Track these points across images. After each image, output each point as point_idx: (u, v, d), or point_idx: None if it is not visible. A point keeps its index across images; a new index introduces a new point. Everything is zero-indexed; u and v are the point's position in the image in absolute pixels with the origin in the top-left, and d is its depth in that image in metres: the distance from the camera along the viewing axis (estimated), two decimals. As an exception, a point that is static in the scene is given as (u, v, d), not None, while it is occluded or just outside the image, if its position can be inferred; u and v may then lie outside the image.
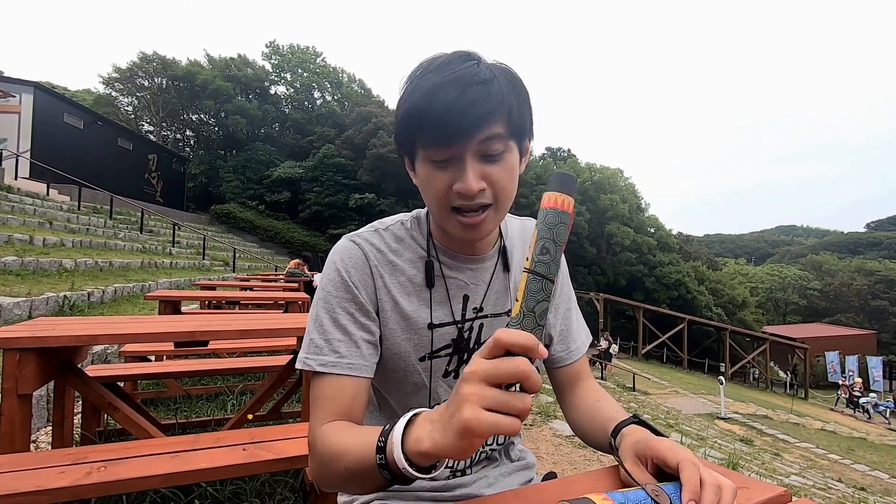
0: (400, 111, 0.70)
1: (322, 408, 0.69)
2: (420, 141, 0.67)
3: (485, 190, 0.67)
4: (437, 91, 0.64)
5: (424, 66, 0.70)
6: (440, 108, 0.63)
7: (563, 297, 0.91)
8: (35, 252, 6.79)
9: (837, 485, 6.57)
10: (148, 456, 1.41)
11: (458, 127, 0.63)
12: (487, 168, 0.67)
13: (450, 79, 0.64)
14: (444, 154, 0.66)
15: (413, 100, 0.67)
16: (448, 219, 0.70)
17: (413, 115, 0.66)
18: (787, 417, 14.20)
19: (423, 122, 0.65)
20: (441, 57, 0.69)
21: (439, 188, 0.68)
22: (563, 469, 2.97)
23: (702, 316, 30.46)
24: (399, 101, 0.71)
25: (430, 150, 0.66)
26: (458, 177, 0.66)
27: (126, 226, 13.48)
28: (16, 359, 1.49)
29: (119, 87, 31.35)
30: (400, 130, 0.71)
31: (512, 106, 0.66)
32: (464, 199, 0.67)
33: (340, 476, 0.61)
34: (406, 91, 0.69)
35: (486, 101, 0.63)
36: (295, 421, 2.77)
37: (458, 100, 0.63)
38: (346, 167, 28.97)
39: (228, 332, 1.94)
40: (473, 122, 0.63)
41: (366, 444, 0.56)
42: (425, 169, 0.69)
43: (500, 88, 0.65)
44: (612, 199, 33.60)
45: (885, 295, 50.52)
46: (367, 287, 0.75)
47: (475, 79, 0.64)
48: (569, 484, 0.62)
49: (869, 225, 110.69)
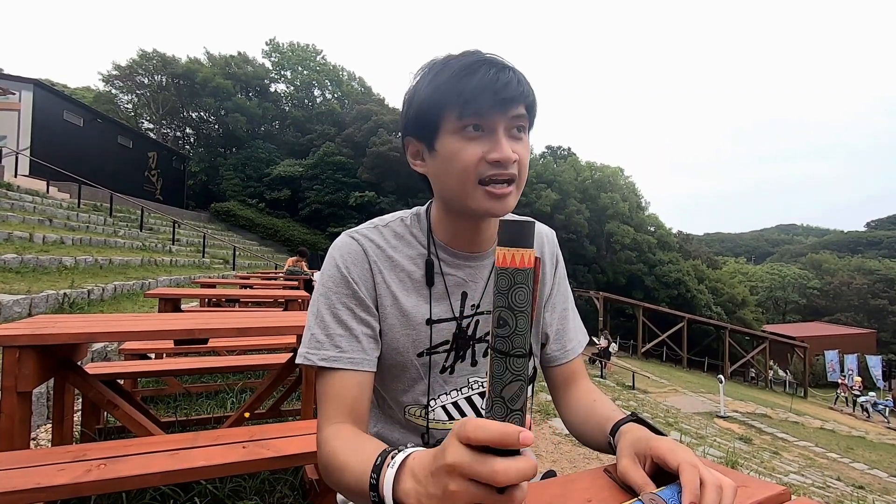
0: (425, 91, 0.71)
1: (328, 405, 0.70)
2: (455, 110, 0.68)
3: (515, 162, 0.69)
4: (474, 68, 0.68)
5: (442, 59, 0.73)
6: (482, 80, 0.67)
7: (560, 297, 0.91)
8: (35, 250, 6.78)
9: (836, 483, 6.58)
10: (147, 453, 1.41)
11: (496, 99, 0.67)
12: (515, 144, 0.70)
13: (484, 60, 0.69)
14: (483, 122, 0.68)
15: (445, 76, 0.69)
16: (474, 192, 0.70)
17: (448, 87, 0.68)
18: (787, 416, 14.21)
19: (464, 93, 0.67)
20: (454, 54, 0.73)
21: (470, 159, 0.69)
22: (562, 467, 2.97)
23: (701, 315, 30.45)
24: (416, 90, 0.73)
25: (468, 118, 0.68)
26: (492, 147, 0.68)
27: (126, 223, 13.47)
28: (15, 356, 1.49)
29: (119, 84, 31.31)
30: (426, 107, 0.71)
31: (532, 96, 0.71)
32: (498, 167, 0.69)
33: (339, 487, 0.62)
34: (426, 77, 0.72)
35: (518, 83, 0.69)
36: (294, 419, 2.78)
37: (497, 76, 0.67)
38: (346, 165, 28.94)
39: (228, 329, 1.94)
40: (511, 98, 0.68)
41: (362, 469, 0.55)
42: (455, 142, 0.70)
43: (524, 78, 0.71)
44: (612, 198, 33.56)
45: (885, 294, 50.52)
46: (366, 282, 0.76)
47: (504, 64, 0.70)
48: (568, 482, 0.62)
49: (869, 224, 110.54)
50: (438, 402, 0.80)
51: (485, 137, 0.68)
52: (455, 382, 0.81)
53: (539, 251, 0.90)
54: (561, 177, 32.61)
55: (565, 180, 32.37)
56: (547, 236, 0.92)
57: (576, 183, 33.33)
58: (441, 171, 0.72)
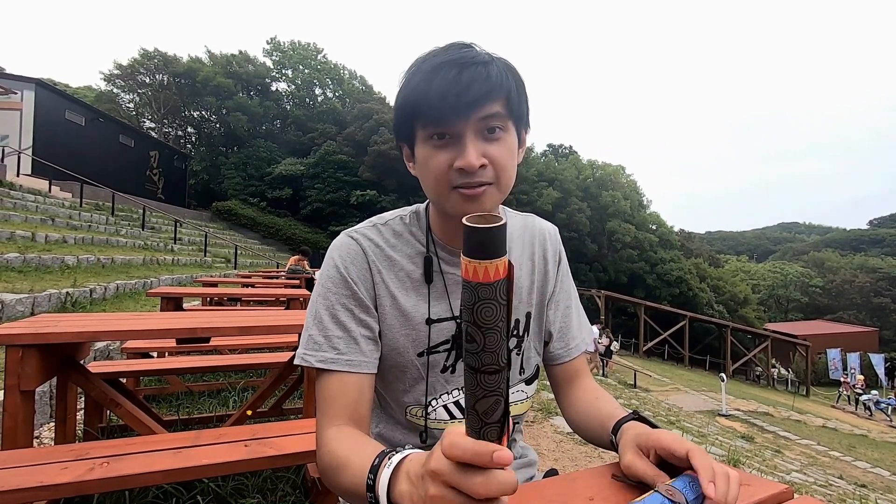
0: (399, 98, 0.70)
1: (328, 407, 0.70)
2: (420, 120, 0.67)
3: (486, 167, 0.67)
4: (436, 71, 0.65)
5: (421, 56, 0.71)
6: (441, 85, 0.64)
7: (563, 294, 0.90)
8: (37, 249, 6.80)
9: (838, 482, 6.56)
10: (150, 452, 1.41)
11: (457, 103, 0.64)
12: (488, 147, 0.67)
13: (448, 60, 0.66)
14: (444, 130, 0.66)
15: (413, 83, 0.68)
16: (448, 196, 0.69)
17: (413, 96, 0.67)
18: (789, 414, 14.19)
19: (424, 101, 0.65)
20: (438, 48, 0.71)
21: (439, 167, 0.67)
22: (564, 466, 2.97)
23: (703, 313, 30.42)
24: (398, 91, 0.72)
25: (429, 127, 0.67)
26: (458, 154, 0.66)
27: (128, 223, 13.49)
28: (18, 355, 1.49)
29: (120, 83, 31.35)
30: (399, 115, 0.71)
31: (510, 88, 0.68)
32: (465, 176, 0.66)
33: (339, 488, 0.62)
34: (404, 80, 0.70)
35: (486, 80, 0.65)
36: (296, 417, 2.78)
37: (458, 78, 0.64)
38: (348, 164, 28.94)
39: (230, 328, 1.94)
40: (473, 99, 0.64)
41: (360, 472, 0.54)
42: (425, 150, 0.69)
43: (498, 71, 0.67)
44: (614, 196, 33.53)
45: (888, 292, 50.40)
46: (365, 283, 0.76)
47: (474, 60, 0.66)
48: (570, 481, 0.62)
49: (871, 222, 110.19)
50: (440, 401, 0.80)
51: (452, 144, 0.66)
52: (456, 382, 0.81)
53: (541, 248, 0.89)
54: (562, 175, 32.59)
55: (566, 179, 32.34)
56: (549, 233, 0.91)
57: (577, 181, 33.31)
58: (421, 175, 0.72)
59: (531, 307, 0.86)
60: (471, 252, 0.37)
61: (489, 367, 0.39)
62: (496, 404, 0.40)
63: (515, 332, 0.84)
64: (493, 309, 0.37)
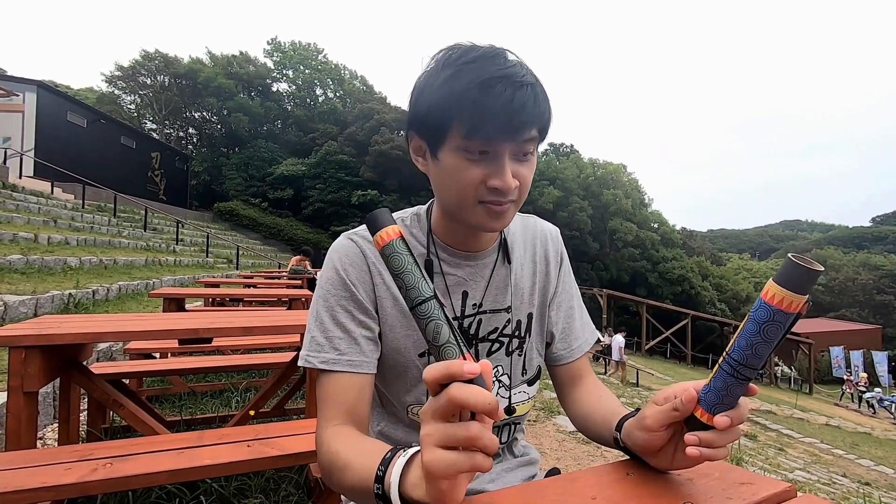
0: (434, 95, 0.66)
1: (327, 407, 0.70)
2: (462, 130, 0.64)
3: (516, 188, 0.67)
4: (489, 85, 0.62)
5: (461, 53, 0.67)
6: (494, 103, 0.62)
7: (565, 295, 0.90)
8: (40, 250, 6.82)
9: (842, 480, 6.55)
10: (153, 452, 1.41)
11: (508, 126, 0.63)
12: (519, 167, 0.67)
13: (500, 75, 0.63)
14: (487, 147, 0.65)
15: (457, 87, 0.63)
16: (473, 209, 0.69)
17: (458, 103, 0.63)
18: (792, 412, 14.16)
19: (474, 114, 0.62)
20: (477, 49, 0.67)
21: (470, 181, 0.66)
22: (566, 465, 2.97)
23: (705, 311, 30.36)
24: (427, 84, 0.68)
25: (472, 141, 0.64)
26: (493, 173, 0.65)
27: (130, 224, 13.52)
28: (21, 356, 1.50)
29: (121, 85, 31.43)
30: (434, 115, 0.67)
31: (548, 115, 0.68)
32: (497, 195, 0.67)
33: (342, 487, 0.62)
34: (439, 74, 0.66)
35: (535, 105, 0.64)
36: (299, 417, 2.79)
37: (513, 99, 0.62)
38: (349, 164, 28.97)
39: (232, 329, 1.94)
40: (523, 124, 0.63)
41: (367, 467, 0.55)
42: (455, 159, 0.66)
43: (543, 94, 0.66)
44: (616, 195, 33.48)
45: (891, 289, 50.25)
46: (364, 284, 0.76)
47: (524, 80, 0.64)
48: (572, 480, 0.62)
49: (874, 219, 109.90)
50: None
51: (488, 160, 0.65)
52: None
53: (542, 249, 0.89)
54: (563, 174, 32.57)
55: (568, 177, 32.33)
56: (550, 234, 0.92)
57: (578, 180, 33.27)
58: (441, 180, 0.70)
59: (533, 308, 0.86)
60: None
61: (417, 300, 0.47)
62: (437, 328, 0.46)
63: (517, 333, 0.84)
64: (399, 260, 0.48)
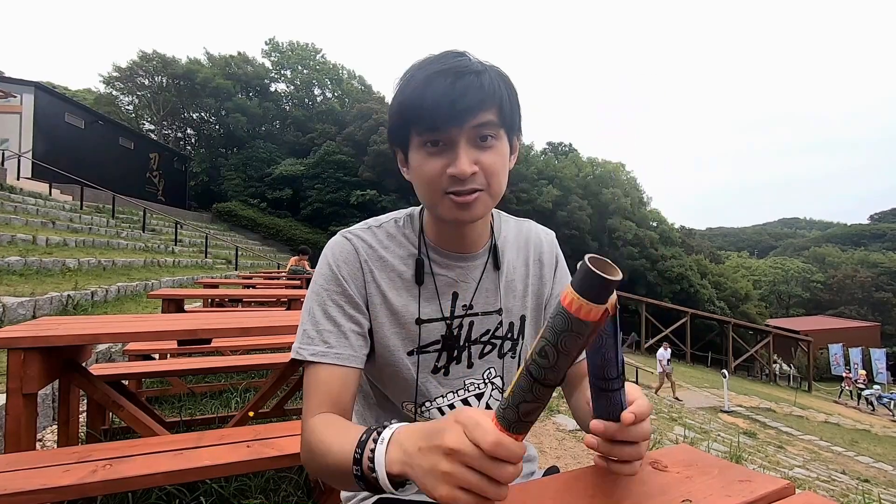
0: (394, 105, 0.72)
1: (313, 397, 0.71)
2: (415, 127, 0.69)
3: (477, 174, 0.69)
4: (431, 80, 0.67)
5: (416, 64, 0.72)
6: (435, 94, 0.66)
7: None
8: (38, 252, 6.81)
9: (841, 477, 6.57)
10: (153, 454, 1.41)
11: (452, 111, 0.66)
12: (480, 154, 0.69)
13: (443, 69, 0.68)
14: (438, 137, 0.68)
15: (407, 91, 0.69)
16: (441, 201, 0.71)
17: (408, 103, 0.69)
18: (791, 410, 14.21)
19: (419, 108, 0.67)
20: (432, 55, 0.72)
21: (432, 172, 0.70)
22: (565, 463, 2.98)
23: (704, 310, 30.39)
24: (393, 98, 0.73)
25: (424, 134, 0.69)
26: (451, 161, 0.68)
27: (128, 225, 13.50)
28: (20, 358, 1.50)
29: (119, 86, 31.37)
30: (394, 122, 0.73)
31: (503, 97, 0.70)
32: (457, 183, 0.69)
33: (323, 471, 0.63)
34: (399, 87, 0.72)
35: (480, 89, 0.67)
36: (298, 418, 2.78)
37: (453, 86, 0.66)
38: (347, 164, 28.94)
39: (231, 329, 1.94)
40: (467, 108, 0.66)
41: (346, 449, 0.57)
42: (419, 156, 0.71)
43: (491, 80, 0.69)
44: (614, 193, 33.49)
45: (889, 287, 50.39)
46: (356, 281, 0.78)
47: (468, 69, 0.68)
48: (571, 478, 0.62)
49: (872, 217, 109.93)
50: (434, 403, 0.82)
51: (445, 151, 0.69)
52: (451, 384, 0.82)
53: (536, 252, 0.91)
54: (562, 173, 32.57)
55: (566, 176, 32.32)
56: (544, 237, 0.93)
57: (577, 179, 33.28)
58: (414, 180, 0.75)
59: (526, 310, 0.88)
60: (581, 289, 0.41)
61: (549, 382, 0.45)
62: (537, 410, 0.46)
63: (510, 336, 0.85)
64: (577, 342, 0.43)
